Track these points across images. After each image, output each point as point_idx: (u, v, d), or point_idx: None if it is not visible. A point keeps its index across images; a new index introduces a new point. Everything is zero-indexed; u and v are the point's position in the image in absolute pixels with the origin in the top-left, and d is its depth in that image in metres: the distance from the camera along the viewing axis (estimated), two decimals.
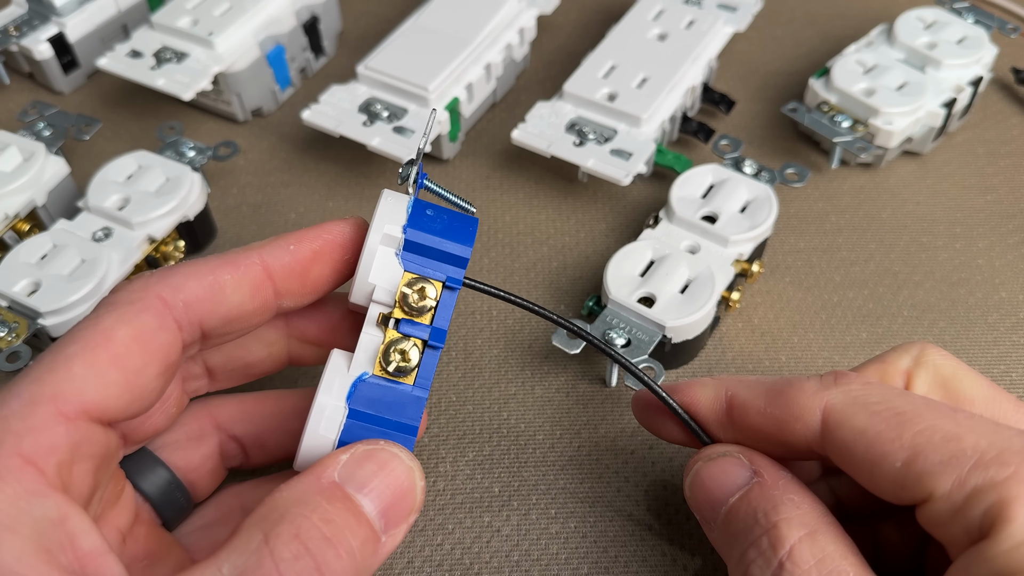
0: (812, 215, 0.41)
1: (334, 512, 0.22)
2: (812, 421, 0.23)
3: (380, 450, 0.23)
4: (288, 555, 0.20)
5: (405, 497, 0.23)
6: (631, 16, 0.46)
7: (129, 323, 0.22)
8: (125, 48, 0.44)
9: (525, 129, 0.40)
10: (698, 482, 0.26)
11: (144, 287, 0.23)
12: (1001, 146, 0.45)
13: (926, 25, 0.45)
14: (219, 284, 0.24)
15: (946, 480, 0.21)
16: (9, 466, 0.20)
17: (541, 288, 0.39)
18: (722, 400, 0.26)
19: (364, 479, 0.23)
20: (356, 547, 0.22)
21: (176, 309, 0.23)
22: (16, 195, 0.38)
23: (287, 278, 0.25)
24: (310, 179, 0.44)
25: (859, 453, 0.22)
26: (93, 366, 0.21)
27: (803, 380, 0.24)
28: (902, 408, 0.22)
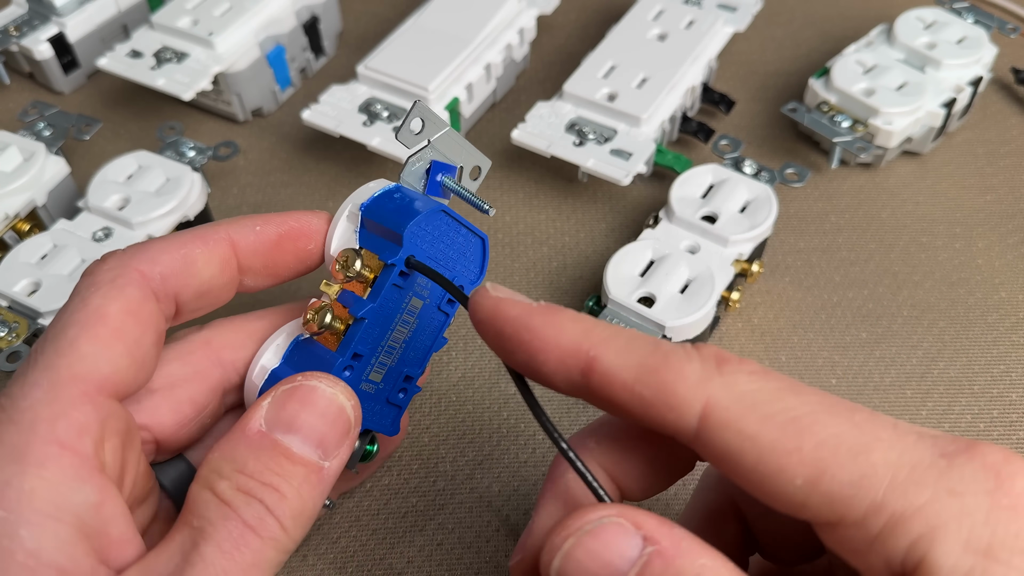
0: (812, 215, 0.41)
1: (265, 459, 0.22)
2: (689, 415, 0.19)
3: (299, 386, 0.23)
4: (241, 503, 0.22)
5: (336, 422, 0.23)
6: (631, 16, 0.46)
7: (116, 299, 0.23)
8: (125, 48, 0.44)
9: (525, 129, 0.40)
10: (574, 565, 0.19)
11: (121, 263, 0.24)
12: (1001, 146, 0.45)
13: (926, 25, 0.45)
14: (191, 257, 0.25)
15: (859, 505, 0.18)
16: (48, 453, 0.20)
17: (541, 288, 0.39)
18: (580, 357, 0.21)
19: (289, 419, 0.23)
20: (297, 485, 0.22)
21: (154, 281, 0.24)
22: (16, 195, 0.38)
23: (251, 256, 0.26)
24: (310, 179, 0.44)
25: (747, 462, 0.19)
26: (98, 342, 0.22)
27: (682, 360, 0.20)
28: (798, 411, 0.19)
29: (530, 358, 0.21)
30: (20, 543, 0.19)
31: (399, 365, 0.27)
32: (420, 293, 0.27)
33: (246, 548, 0.21)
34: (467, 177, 0.28)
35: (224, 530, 0.21)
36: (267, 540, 0.22)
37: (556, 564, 0.20)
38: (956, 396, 0.34)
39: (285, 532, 0.22)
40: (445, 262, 0.27)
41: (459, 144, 0.28)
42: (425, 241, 0.26)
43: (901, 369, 0.35)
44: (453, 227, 0.27)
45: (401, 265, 0.25)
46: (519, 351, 0.21)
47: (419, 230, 0.25)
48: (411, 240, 0.25)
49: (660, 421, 0.20)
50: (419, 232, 0.25)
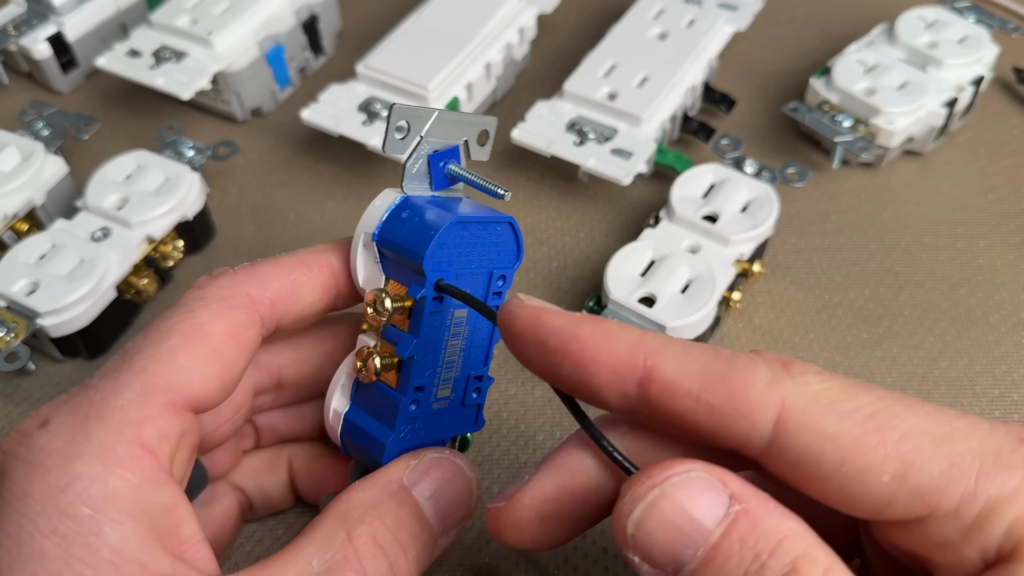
0: (813, 215, 0.41)
1: (404, 517, 0.23)
2: (763, 421, 0.19)
3: (446, 460, 0.25)
4: (368, 553, 0.22)
5: (462, 505, 0.25)
6: (631, 15, 0.45)
7: (223, 318, 0.23)
8: (124, 47, 0.44)
9: (525, 128, 0.40)
10: (656, 516, 0.19)
11: (233, 284, 0.24)
12: (1002, 146, 0.44)
13: (927, 24, 0.44)
14: (297, 284, 0.25)
15: (951, 495, 0.18)
16: (131, 454, 0.21)
17: (541, 288, 0.39)
18: (636, 367, 0.20)
19: (429, 488, 0.24)
20: (420, 550, 0.23)
21: (262, 306, 0.25)
22: (15, 195, 0.38)
23: (349, 283, 0.26)
24: (309, 179, 0.44)
25: (830, 465, 0.18)
26: (196, 359, 0.23)
27: (749, 365, 0.19)
28: (874, 407, 0.19)
29: (579, 371, 0.20)
30: (105, 540, 0.20)
31: (463, 373, 0.26)
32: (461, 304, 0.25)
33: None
34: (475, 147, 0.27)
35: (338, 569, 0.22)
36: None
37: (636, 515, 0.19)
38: (958, 397, 0.34)
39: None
40: (478, 261, 0.25)
41: (455, 120, 0.26)
42: (450, 254, 0.24)
43: (903, 369, 0.35)
44: (474, 229, 0.25)
45: (430, 294, 0.24)
46: (566, 363, 0.20)
47: (439, 252, 0.24)
48: (433, 267, 0.24)
49: (728, 432, 0.19)
50: (440, 253, 0.24)
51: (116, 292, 0.36)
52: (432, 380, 0.25)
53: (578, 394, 0.21)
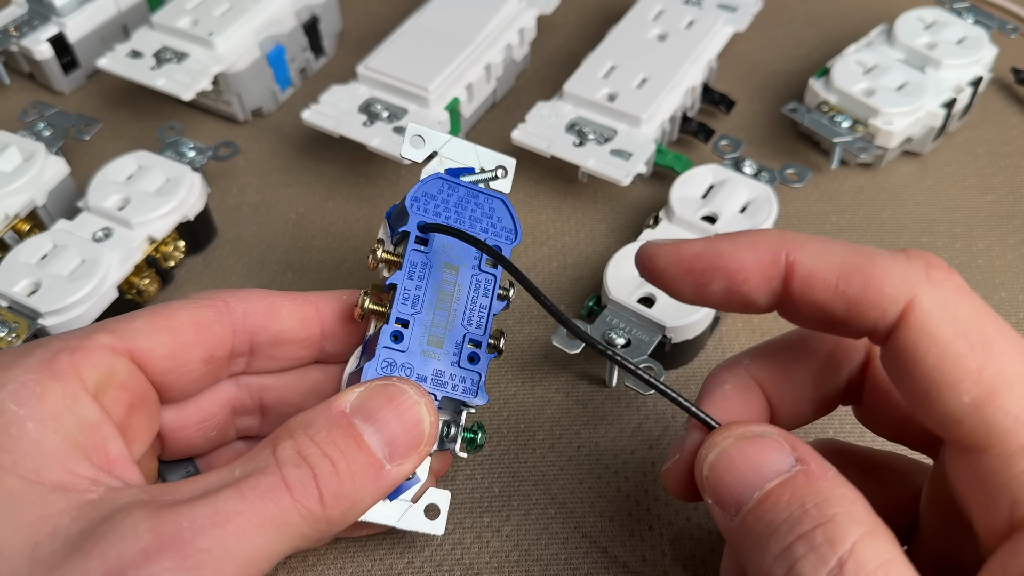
0: (812, 215, 0.41)
1: (337, 436, 0.23)
2: (892, 311, 0.20)
3: (390, 385, 0.25)
4: (290, 463, 0.22)
5: (411, 430, 0.24)
6: (631, 16, 0.46)
7: (191, 309, 0.26)
8: (125, 48, 0.44)
9: (525, 129, 0.40)
10: (726, 461, 0.22)
11: (215, 293, 0.27)
12: (1001, 146, 0.45)
13: (926, 25, 0.45)
14: (276, 306, 0.27)
15: (1015, 439, 0.19)
16: (61, 370, 0.23)
17: (541, 288, 0.39)
18: (780, 265, 0.22)
19: (371, 411, 0.24)
20: (354, 470, 0.23)
21: (235, 314, 0.27)
22: (16, 195, 0.38)
23: (334, 321, 0.28)
24: (310, 179, 0.44)
25: (926, 368, 0.20)
26: (151, 324, 0.25)
27: (887, 260, 0.21)
28: (992, 337, 0.20)
29: (730, 283, 0.22)
30: (26, 433, 0.22)
31: (460, 332, 0.27)
32: (453, 258, 0.28)
33: (271, 503, 0.21)
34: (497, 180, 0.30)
35: (256, 479, 0.22)
36: (299, 505, 0.22)
37: (711, 458, 0.22)
38: None
39: (322, 507, 0.22)
40: (471, 228, 0.28)
41: (470, 149, 0.29)
42: (437, 208, 0.28)
43: None
44: (464, 192, 0.28)
45: (413, 230, 0.27)
46: (716, 280, 0.22)
47: (422, 198, 0.27)
48: (415, 208, 0.27)
49: (859, 320, 0.21)
50: (424, 200, 0.27)
51: (117, 292, 0.36)
52: (419, 322, 0.27)
53: (730, 305, 0.23)
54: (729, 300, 0.23)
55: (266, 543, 0.21)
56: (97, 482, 0.22)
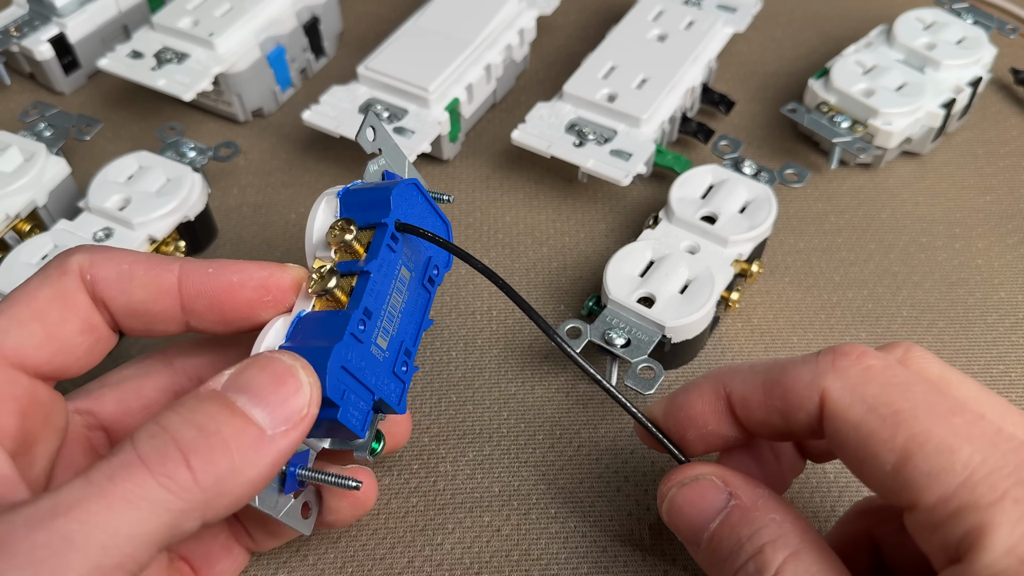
0: (811, 215, 0.41)
1: (205, 407, 0.21)
2: (811, 409, 0.23)
3: (260, 356, 0.23)
4: (151, 448, 0.20)
5: (289, 393, 0.22)
6: (631, 17, 0.46)
7: (51, 285, 0.25)
8: (126, 49, 0.44)
9: (525, 130, 0.41)
10: (675, 509, 0.25)
11: (68, 255, 0.25)
12: (1000, 146, 0.45)
13: (925, 26, 0.45)
14: (129, 274, 0.25)
15: (931, 494, 0.21)
16: None
17: (541, 288, 0.39)
18: (723, 400, 0.25)
19: (243, 383, 0.22)
20: (227, 435, 0.21)
21: (85, 281, 0.25)
22: (17, 195, 0.38)
23: (193, 297, 0.25)
24: (311, 179, 0.44)
25: (851, 447, 0.22)
26: (14, 319, 0.24)
27: (797, 366, 0.24)
28: (899, 405, 0.22)
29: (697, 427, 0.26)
30: None
31: (399, 334, 0.27)
32: (408, 263, 0.27)
33: (123, 481, 0.19)
34: None
35: (106, 462, 0.20)
36: (158, 476, 0.20)
37: (664, 507, 0.26)
38: None
39: (193, 477, 0.20)
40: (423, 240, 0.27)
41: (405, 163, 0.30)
42: (407, 213, 0.27)
43: None
44: (425, 206, 0.28)
45: (392, 225, 0.26)
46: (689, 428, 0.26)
47: (401, 197, 0.27)
48: (397, 204, 0.26)
49: (797, 425, 0.24)
50: (401, 200, 0.27)
51: None
52: (376, 316, 0.25)
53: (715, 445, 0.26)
54: (710, 441, 0.26)
55: (124, 526, 0.19)
56: None
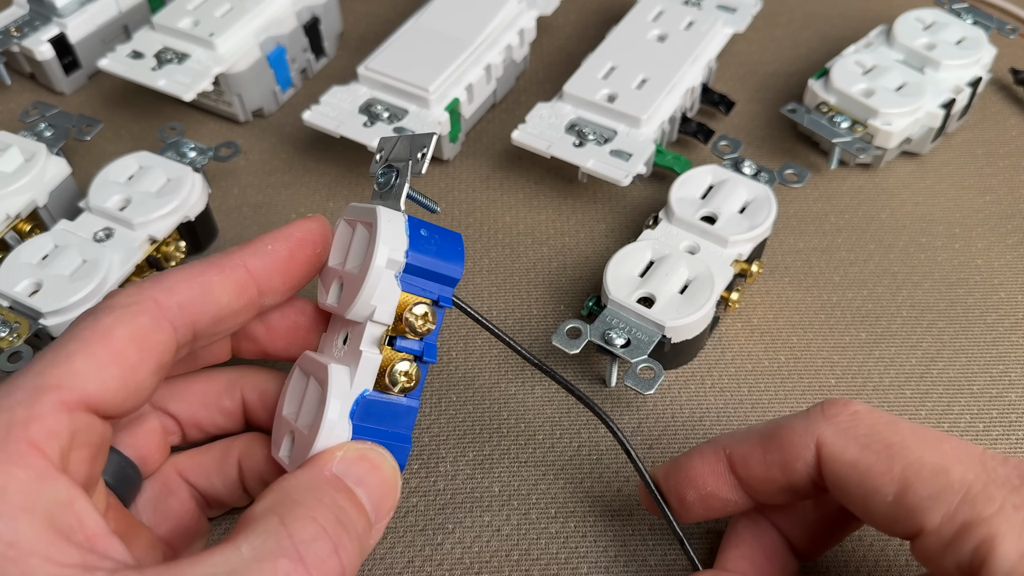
0: (811, 216, 0.42)
1: (341, 502, 0.23)
2: (809, 458, 0.24)
3: (371, 450, 0.25)
4: (307, 536, 0.22)
5: (390, 494, 0.25)
6: (631, 17, 0.46)
7: (127, 323, 0.23)
8: (126, 49, 0.44)
9: (525, 130, 0.41)
10: None
11: (139, 291, 0.24)
12: (1000, 147, 0.45)
13: (925, 26, 0.45)
14: (209, 285, 0.25)
15: (935, 515, 0.22)
16: (20, 451, 0.20)
17: (541, 288, 0.39)
18: (724, 462, 0.26)
19: (360, 475, 0.25)
20: (360, 533, 0.23)
21: (170, 311, 0.24)
22: (17, 195, 0.38)
23: (268, 277, 0.26)
24: (311, 180, 0.44)
25: (852, 486, 0.23)
26: (93, 361, 0.22)
27: (792, 419, 0.25)
28: (891, 439, 0.23)
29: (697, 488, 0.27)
30: None
31: None
32: None
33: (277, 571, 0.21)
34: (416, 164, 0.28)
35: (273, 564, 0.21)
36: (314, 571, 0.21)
37: None
38: (955, 396, 0.35)
39: (341, 569, 0.22)
40: None
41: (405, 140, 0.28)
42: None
43: (900, 369, 0.35)
44: None
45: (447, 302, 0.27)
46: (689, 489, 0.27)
47: None
48: None
49: (796, 477, 0.25)
50: None
51: None
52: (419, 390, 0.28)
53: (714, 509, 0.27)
54: (709, 504, 0.27)
55: None
56: (88, 567, 0.20)
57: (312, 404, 0.27)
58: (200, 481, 0.29)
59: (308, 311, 0.29)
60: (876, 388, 0.35)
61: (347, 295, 0.26)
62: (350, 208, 0.28)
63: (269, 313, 0.29)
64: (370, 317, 0.26)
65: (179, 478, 0.29)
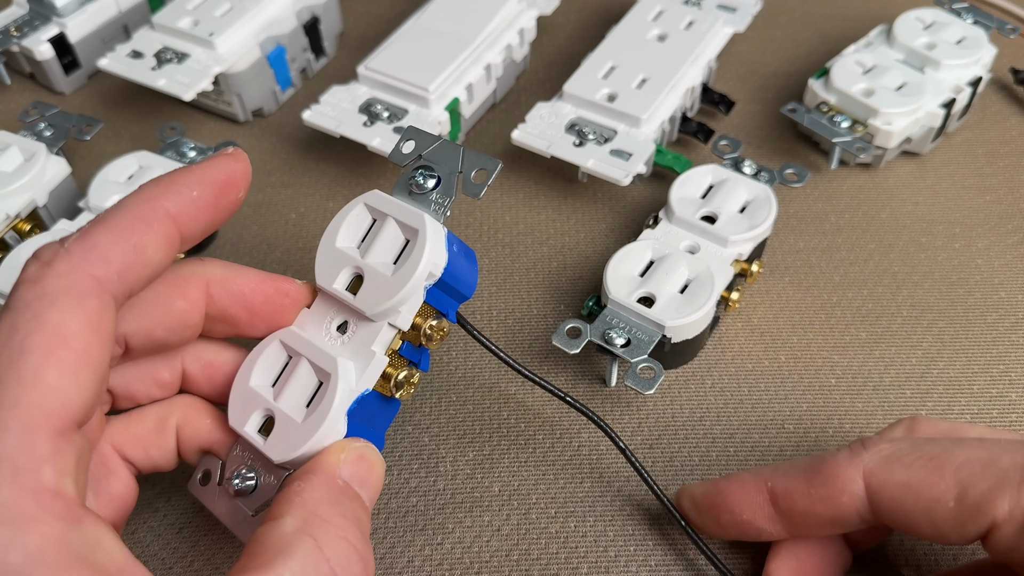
0: (811, 215, 0.42)
1: (357, 511, 0.24)
2: (856, 490, 0.24)
3: (366, 449, 0.26)
4: (342, 559, 0.23)
5: (378, 488, 0.26)
6: (631, 17, 0.46)
7: (77, 314, 0.21)
8: (126, 49, 0.44)
9: (525, 129, 0.41)
10: None
11: (72, 268, 0.21)
12: (1000, 146, 0.45)
13: (925, 26, 0.45)
14: (141, 246, 0.23)
15: (1003, 504, 0.22)
16: (40, 505, 0.19)
17: (541, 288, 0.39)
18: (764, 494, 0.27)
19: (362, 477, 0.25)
20: (366, 526, 0.25)
21: (111, 284, 0.22)
22: (17, 195, 0.38)
23: (191, 226, 0.24)
24: (311, 179, 0.44)
25: (910, 506, 0.23)
26: (65, 372, 0.20)
27: (834, 455, 0.25)
28: (934, 452, 0.23)
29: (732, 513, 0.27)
30: None
31: None
32: None
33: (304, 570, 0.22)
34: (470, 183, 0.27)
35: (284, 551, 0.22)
36: None
37: None
38: (955, 396, 0.35)
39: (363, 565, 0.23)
40: None
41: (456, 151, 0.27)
42: None
43: (900, 369, 0.35)
44: None
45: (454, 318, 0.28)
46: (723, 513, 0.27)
47: None
48: None
49: (841, 510, 0.25)
50: None
51: None
52: None
53: (747, 534, 0.27)
54: (742, 530, 0.27)
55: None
56: None
57: (302, 388, 0.27)
58: (137, 455, 0.27)
59: (292, 292, 0.28)
60: (876, 388, 0.35)
61: (371, 293, 0.26)
62: (374, 195, 0.27)
63: (249, 296, 0.27)
64: (390, 320, 0.26)
65: (116, 455, 0.27)
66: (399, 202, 0.27)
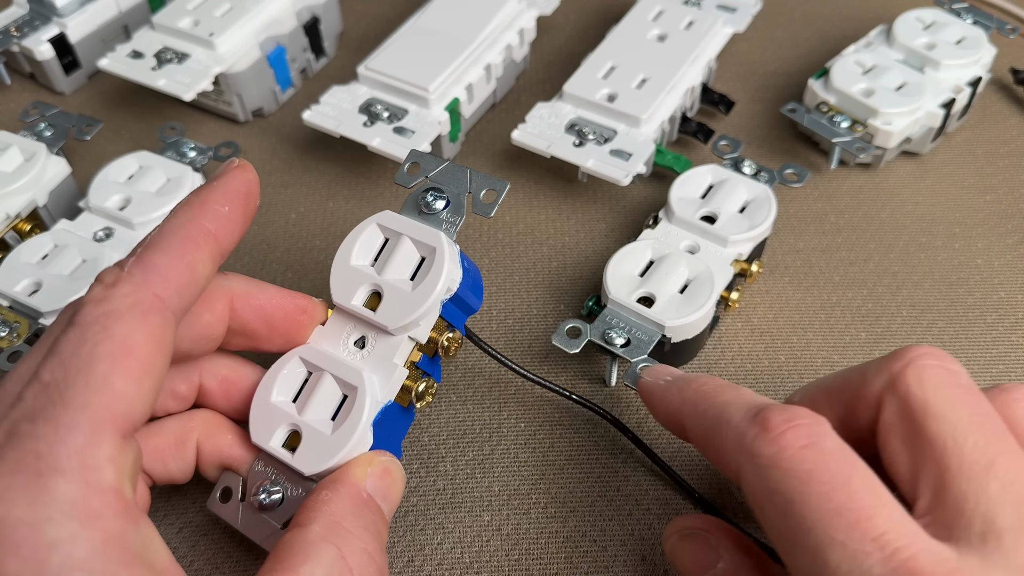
0: (811, 215, 0.42)
1: (378, 524, 0.26)
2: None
3: (391, 463, 0.27)
4: (363, 569, 0.24)
5: (398, 499, 0.27)
6: (631, 17, 0.46)
7: (143, 330, 0.22)
8: (126, 49, 0.44)
9: (525, 130, 0.41)
10: (674, 556, 0.28)
11: (136, 288, 0.23)
12: (1000, 146, 0.45)
13: (925, 26, 0.45)
14: (193, 265, 0.24)
15: None
16: (103, 501, 0.20)
17: (541, 288, 0.39)
18: None
19: (385, 491, 0.27)
20: (385, 537, 0.26)
21: (171, 302, 0.23)
22: (17, 195, 0.38)
23: (228, 241, 0.26)
24: (311, 179, 0.44)
25: None
26: (131, 379, 0.22)
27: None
28: None
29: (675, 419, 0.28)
30: None
31: None
32: None
33: None
34: (480, 202, 0.29)
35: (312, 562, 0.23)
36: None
37: (667, 549, 0.28)
38: None
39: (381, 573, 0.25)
40: None
41: (463, 173, 0.29)
42: None
43: None
44: None
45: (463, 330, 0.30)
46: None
47: None
48: None
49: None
50: None
51: None
52: None
53: None
54: None
55: None
56: None
57: (327, 402, 0.28)
58: (155, 467, 0.28)
59: (309, 309, 0.29)
60: None
61: (392, 308, 0.28)
62: (386, 215, 0.29)
63: (270, 311, 0.29)
64: (410, 334, 0.28)
65: None
66: (413, 221, 0.28)
